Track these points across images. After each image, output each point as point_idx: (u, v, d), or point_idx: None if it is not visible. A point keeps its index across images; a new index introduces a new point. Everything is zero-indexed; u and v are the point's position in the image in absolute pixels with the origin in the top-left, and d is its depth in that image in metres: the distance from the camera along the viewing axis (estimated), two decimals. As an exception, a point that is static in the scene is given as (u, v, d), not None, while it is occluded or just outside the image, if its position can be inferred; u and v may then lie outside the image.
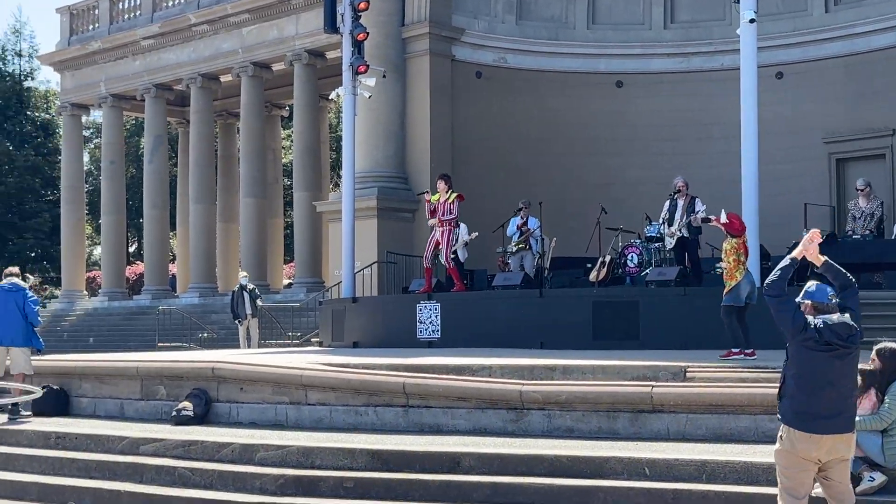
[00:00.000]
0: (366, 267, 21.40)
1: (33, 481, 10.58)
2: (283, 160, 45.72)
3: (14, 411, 12.83)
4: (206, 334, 28.65)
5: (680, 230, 16.50)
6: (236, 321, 24.41)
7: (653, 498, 8.18)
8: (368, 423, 10.77)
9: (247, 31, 34.52)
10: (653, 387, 9.78)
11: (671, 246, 16.88)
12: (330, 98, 22.75)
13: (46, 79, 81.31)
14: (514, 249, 18.89)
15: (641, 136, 25.28)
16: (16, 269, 14.33)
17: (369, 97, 19.24)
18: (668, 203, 17.02)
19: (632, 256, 17.60)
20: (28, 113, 62.13)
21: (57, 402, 13.17)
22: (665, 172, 20.59)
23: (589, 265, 18.18)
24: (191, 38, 36.25)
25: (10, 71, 62.67)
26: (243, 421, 11.58)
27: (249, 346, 23.44)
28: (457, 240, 17.87)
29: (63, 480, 10.48)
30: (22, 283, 13.65)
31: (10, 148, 59.63)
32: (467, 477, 8.88)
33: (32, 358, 13.45)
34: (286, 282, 40.22)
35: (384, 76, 20.95)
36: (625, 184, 24.57)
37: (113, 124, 40.31)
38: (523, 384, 10.31)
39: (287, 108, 41.44)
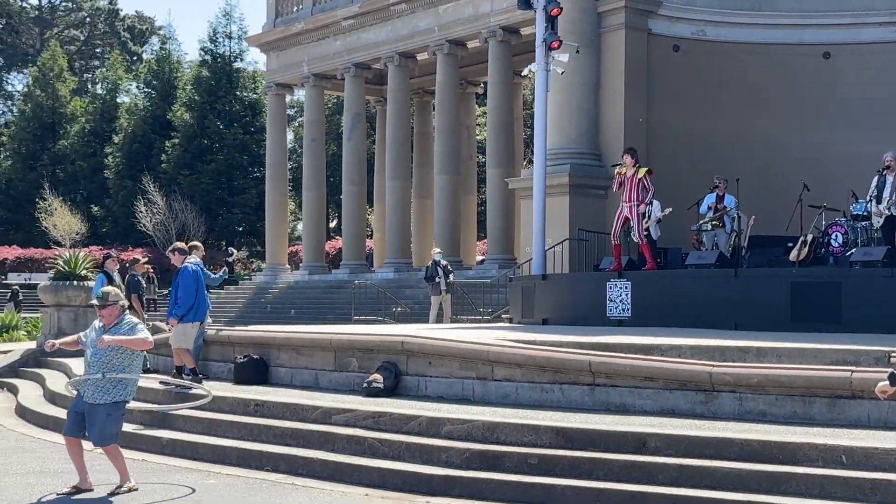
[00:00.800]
0: (556, 244, 21.28)
1: (233, 446, 11.06)
2: (478, 137, 46.05)
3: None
4: (399, 308, 29.26)
5: (889, 208, 15.63)
6: (431, 295, 24.78)
7: (849, 487, 7.79)
8: (554, 401, 10.72)
9: (443, 10, 34.84)
10: (852, 371, 9.30)
11: (879, 225, 16.00)
12: (524, 74, 22.62)
13: (254, 60, 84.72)
14: (709, 227, 18.36)
15: (849, 110, 24.02)
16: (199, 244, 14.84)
17: (562, 73, 19.05)
18: (876, 179, 16.14)
19: (836, 235, 16.78)
20: (237, 93, 64.86)
21: (257, 370, 13.72)
22: (874, 147, 19.47)
23: (790, 244, 17.42)
24: (389, 17, 36.90)
25: (221, 53, 65.56)
26: (431, 394, 11.73)
27: (441, 321, 23.77)
28: (649, 216, 17.50)
29: (260, 446, 10.91)
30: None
31: (221, 126, 62.51)
32: (653, 458, 8.71)
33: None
34: (479, 258, 40.56)
35: (577, 51, 20.69)
36: (830, 159, 23.43)
37: (314, 103, 41.56)
38: (714, 365, 10.01)
39: (481, 85, 41.65)
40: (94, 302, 9.53)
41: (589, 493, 8.50)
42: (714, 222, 18.24)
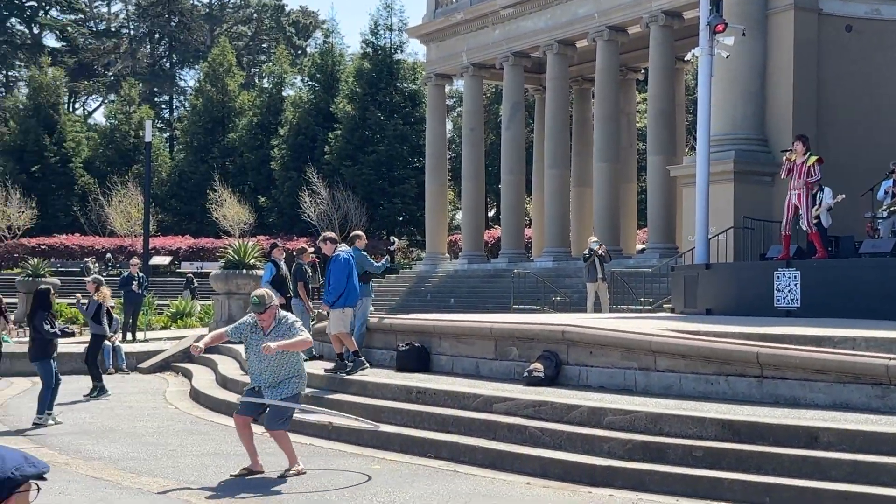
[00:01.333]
0: (720, 232, 20.74)
1: (396, 432, 11.23)
2: (638, 124, 45.36)
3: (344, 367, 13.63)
4: (558, 297, 29.12)
5: None
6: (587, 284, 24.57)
7: None
8: (719, 393, 10.45)
9: (602, -5, 34.44)
10: None
11: None
12: (686, 59, 22.14)
13: (414, 51, 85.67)
14: (885, 214, 17.54)
15: None
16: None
17: (727, 57, 18.54)
18: None
19: None
20: (397, 84, 65.75)
21: (418, 358, 13.88)
22: None
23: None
24: (548, 4, 36.69)
25: (382, 45, 66.56)
26: (592, 384, 11.62)
27: (599, 311, 23.53)
28: (820, 204, 16.86)
29: (422, 433, 11.05)
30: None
31: (382, 117, 63.51)
32: (825, 453, 8.39)
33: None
34: (639, 247, 39.97)
35: (743, 34, 20.06)
36: None
37: (473, 93, 41.72)
38: (891, 358, 9.56)
39: (642, 71, 40.98)
40: (252, 307, 9.71)
41: (757, 487, 8.26)
42: (892, 209, 17.42)
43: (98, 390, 16.10)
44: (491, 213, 65.85)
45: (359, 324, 14.82)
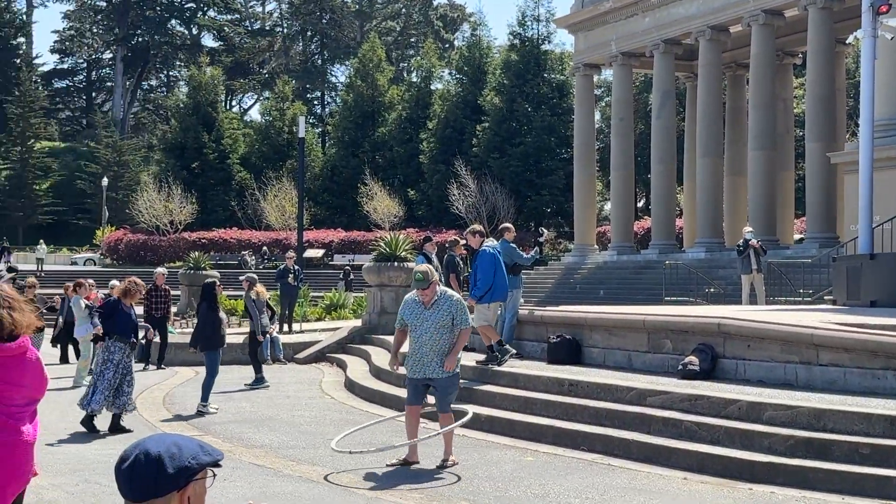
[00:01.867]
0: (885, 221, 19.91)
1: (548, 424, 11.18)
2: (795, 110, 43.94)
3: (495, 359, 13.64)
4: (711, 289, 28.47)
5: None
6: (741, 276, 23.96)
7: None
8: (887, 388, 10.02)
9: (757, -22, 33.49)
10: None
11: None
12: (847, 42, 21.27)
13: (561, 41, 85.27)
14: None
15: None
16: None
17: (892, 39, 17.76)
18: None
19: None
20: (545, 75, 65.51)
21: (570, 350, 13.78)
22: None
23: None
24: (699, -10, 35.92)
25: (529, 36, 66.41)
26: (750, 378, 11.31)
27: (755, 303, 22.90)
28: None
29: (575, 426, 10.97)
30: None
31: (529, 109, 63.39)
32: None
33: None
34: (797, 237, 38.75)
35: (909, 14, 19.16)
36: None
37: (622, 82, 41.20)
38: None
39: (799, 55, 39.66)
40: (415, 283, 9.84)
41: (930, 488, 7.89)
42: None
43: (257, 381, 16.55)
44: (640, 204, 64.95)
45: (509, 316, 14.81)
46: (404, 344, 10.12)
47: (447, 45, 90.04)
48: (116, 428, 12.05)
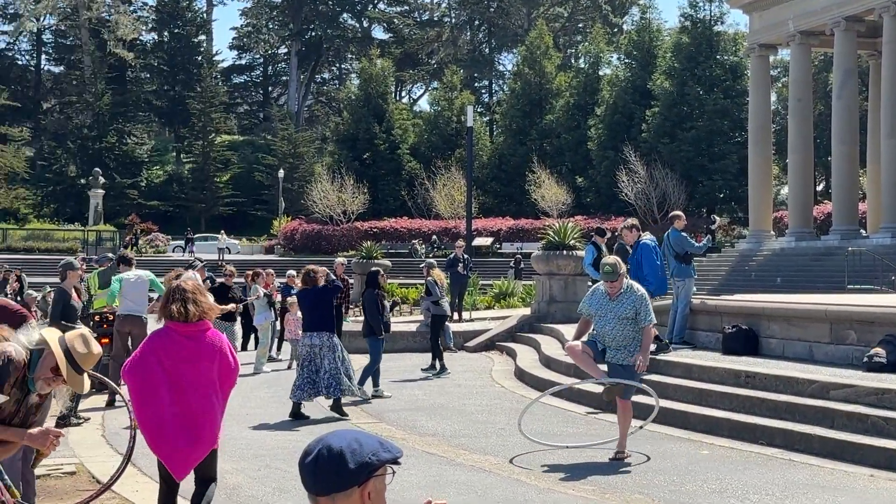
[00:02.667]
0: None
1: (724, 417, 10.90)
2: None
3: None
4: (898, 277, 27.19)
5: None
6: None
7: None
8: None
9: (948, -53, 31.70)
10: None
11: None
12: None
13: (735, 22, 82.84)
14: None
15: None
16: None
17: None
18: None
19: None
20: (717, 57, 63.86)
21: (746, 341, 13.39)
22: None
23: None
24: (882, -37, 34.27)
25: (701, 17, 64.84)
26: (943, 372, 10.74)
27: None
28: None
29: (752, 419, 10.65)
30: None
31: (701, 92, 61.93)
32: None
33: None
34: None
35: None
36: None
37: (800, 62, 39.77)
38: None
39: None
40: (603, 275, 9.74)
41: None
42: None
43: (437, 368, 16.58)
44: (819, 188, 62.57)
45: (682, 305, 14.54)
46: (587, 327, 10.05)
47: (616, 30, 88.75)
48: (337, 409, 12.34)
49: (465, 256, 25.36)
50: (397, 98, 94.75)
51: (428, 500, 2.82)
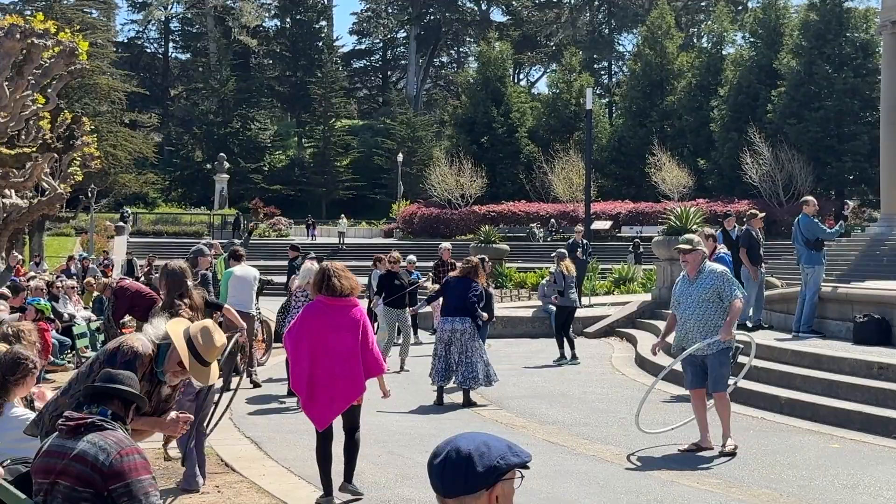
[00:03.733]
0: None
1: (856, 410, 10.54)
2: None
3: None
4: None
5: None
6: None
7: None
8: None
9: None
10: None
11: None
12: None
13: (865, -3, 79.73)
14: None
15: None
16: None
17: None
18: None
19: None
20: (847, 34, 61.83)
21: (878, 331, 12.94)
22: None
23: None
24: None
25: (826, -6, 62.84)
26: None
27: None
28: None
29: (886, 412, 10.27)
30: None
31: (829, 71, 60.09)
32: None
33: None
34: None
35: None
36: None
37: (936, 38, 38.06)
38: None
39: None
40: (680, 246, 9.64)
41: None
42: None
43: (568, 357, 16.32)
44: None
45: (811, 293, 14.14)
46: (673, 330, 9.83)
47: (740, 8, 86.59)
48: (467, 403, 12.27)
49: (584, 241, 25.13)
50: (515, 81, 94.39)
51: None
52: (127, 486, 3.97)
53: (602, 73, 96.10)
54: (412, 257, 20.02)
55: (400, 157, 73.29)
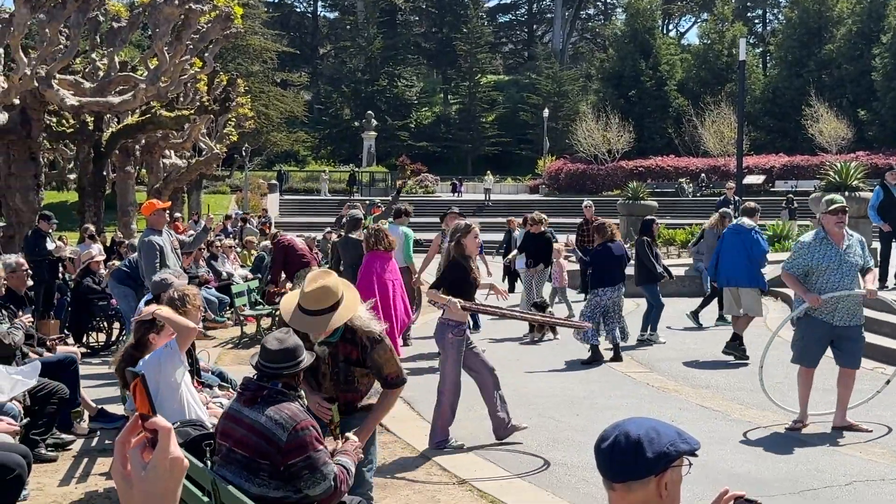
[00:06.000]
0: None
1: None
2: None
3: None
4: None
5: None
6: None
7: None
8: None
9: None
10: None
11: None
12: None
13: None
14: None
15: None
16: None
17: None
18: None
19: None
20: None
21: None
22: None
23: None
24: None
25: None
26: None
27: None
28: None
29: None
30: (749, 223, 13.32)
31: None
32: None
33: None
34: None
35: None
36: None
37: None
38: None
39: None
40: (831, 209, 8.70)
41: None
42: None
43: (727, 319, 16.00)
44: None
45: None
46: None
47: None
48: (616, 353, 12.48)
49: (736, 199, 24.46)
50: (664, 32, 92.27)
51: (725, 488, 2.70)
52: (307, 458, 4.11)
53: (756, 21, 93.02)
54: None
55: (546, 112, 72.73)
